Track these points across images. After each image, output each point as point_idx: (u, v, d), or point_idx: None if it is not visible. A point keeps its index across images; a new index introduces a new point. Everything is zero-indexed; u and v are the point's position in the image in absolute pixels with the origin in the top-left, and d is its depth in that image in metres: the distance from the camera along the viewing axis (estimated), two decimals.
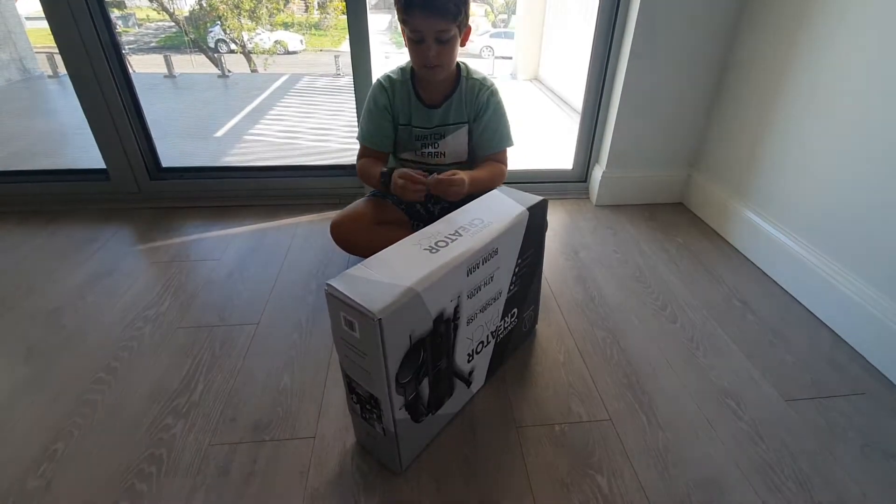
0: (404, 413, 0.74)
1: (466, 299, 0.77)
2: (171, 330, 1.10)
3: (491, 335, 0.90)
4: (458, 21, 1.02)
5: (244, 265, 1.34)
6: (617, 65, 1.56)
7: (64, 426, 0.86)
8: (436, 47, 1.02)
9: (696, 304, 1.22)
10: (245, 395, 0.93)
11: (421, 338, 0.70)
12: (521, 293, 0.95)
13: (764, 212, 1.38)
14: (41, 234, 1.49)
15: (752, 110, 1.42)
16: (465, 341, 0.82)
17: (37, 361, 1.01)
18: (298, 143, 4.15)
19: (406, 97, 1.15)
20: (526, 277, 0.94)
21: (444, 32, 1.01)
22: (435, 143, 1.19)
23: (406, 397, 0.73)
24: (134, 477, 0.78)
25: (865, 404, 0.93)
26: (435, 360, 0.76)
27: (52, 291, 1.23)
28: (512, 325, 0.97)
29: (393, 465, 0.79)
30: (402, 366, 0.69)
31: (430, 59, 1.04)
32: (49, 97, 6.12)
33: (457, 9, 1.00)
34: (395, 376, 0.68)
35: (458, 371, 0.84)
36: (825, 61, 1.17)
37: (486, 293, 0.82)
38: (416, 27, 1.01)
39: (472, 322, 0.81)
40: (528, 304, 1.01)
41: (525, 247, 0.89)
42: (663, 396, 0.94)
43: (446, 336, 0.76)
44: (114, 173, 1.62)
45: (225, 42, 10.03)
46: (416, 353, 0.71)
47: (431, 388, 0.78)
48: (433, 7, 0.98)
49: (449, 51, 1.05)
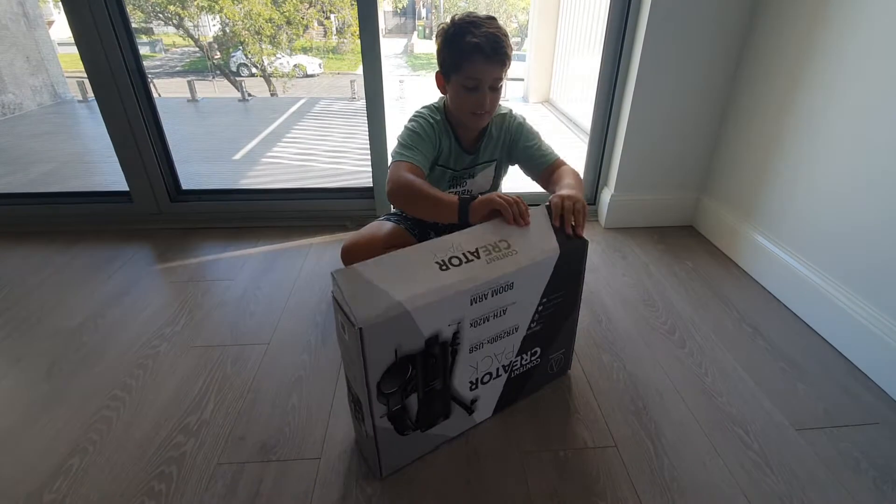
0: (387, 423, 0.74)
1: (469, 327, 0.76)
2: (186, 349, 1.13)
3: (503, 369, 0.88)
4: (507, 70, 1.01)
5: (257, 285, 1.38)
6: (625, 88, 1.58)
7: (80, 442, 0.89)
8: (489, 95, 1.00)
9: (705, 328, 1.21)
10: (254, 415, 0.95)
11: (410, 354, 0.70)
12: (547, 333, 0.91)
13: (774, 235, 1.38)
14: (66, 254, 1.55)
15: (761, 133, 1.42)
16: (468, 368, 0.81)
17: (57, 378, 1.05)
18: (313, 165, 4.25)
19: (449, 145, 1.12)
20: (554, 318, 0.90)
21: (499, 80, 0.99)
22: (464, 181, 1.19)
23: (389, 408, 0.73)
24: (144, 495, 0.79)
25: (879, 434, 0.91)
26: (428, 379, 0.76)
27: (73, 309, 1.28)
28: (533, 363, 0.93)
29: (374, 470, 0.80)
30: (385, 377, 0.69)
31: (484, 105, 1.00)
32: (78, 121, 6.38)
33: (510, 57, 0.99)
34: (377, 385, 0.69)
35: (456, 396, 0.83)
36: (833, 84, 1.18)
37: (497, 325, 0.80)
38: (475, 74, 0.97)
39: (476, 350, 0.80)
40: (557, 347, 0.96)
41: (553, 287, 0.85)
42: (670, 423, 0.94)
43: (442, 358, 0.76)
44: (136, 195, 1.69)
45: (246, 66, 10.37)
46: (403, 368, 0.71)
47: (422, 406, 0.78)
48: (497, 54, 0.95)
49: (497, 98, 1.04)
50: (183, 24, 9.71)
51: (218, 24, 10.09)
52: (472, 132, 1.13)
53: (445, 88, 1.06)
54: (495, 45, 0.95)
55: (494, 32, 0.96)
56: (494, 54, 0.96)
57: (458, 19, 0.98)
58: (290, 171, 4.05)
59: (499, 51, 0.96)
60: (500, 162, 1.19)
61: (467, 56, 0.96)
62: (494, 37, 0.95)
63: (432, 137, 1.08)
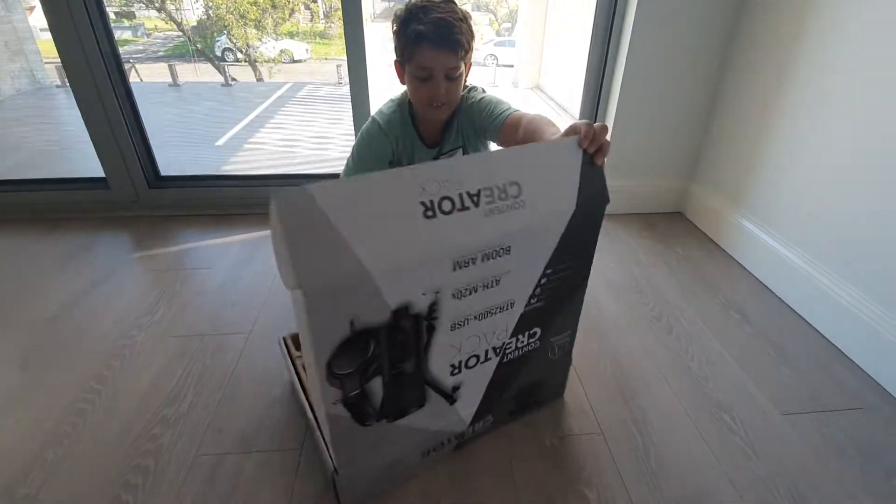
0: (342, 409, 0.63)
1: (451, 298, 0.63)
2: (164, 339, 1.10)
3: (494, 351, 0.75)
4: (466, 57, 0.94)
5: (238, 275, 1.35)
6: (613, 75, 1.56)
7: (55, 434, 0.86)
8: (445, 84, 0.93)
9: (692, 314, 1.20)
10: (234, 406, 0.92)
11: (371, 328, 0.58)
12: (549, 312, 0.78)
13: (762, 221, 1.37)
14: (42, 242, 1.50)
15: (751, 120, 1.41)
16: (448, 349, 0.69)
17: (31, 369, 1.02)
18: (298, 151, 4.17)
19: (410, 142, 1.06)
20: (558, 294, 0.76)
21: (454, 70, 0.92)
22: None
23: (345, 392, 0.62)
24: (120, 488, 0.77)
25: (865, 419, 0.91)
26: (395, 359, 0.64)
27: (49, 299, 1.23)
28: (531, 347, 0.80)
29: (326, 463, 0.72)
30: (336, 354, 0.57)
31: (439, 96, 0.94)
32: (57, 106, 6.20)
33: (467, 44, 0.92)
34: (327, 365, 0.57)
35: (432, 381, 0.71)
36: (824, 69, 1.16)
37: (487, 298, 0.67)
38: (424, 63, 0.91)
39: (459, 328, 0.67)
40: (561, 328, 0.83)
41: (561, 254, 0.70)
42: (656, 410, 0.93)
43: (414, 335, 0.64)
44: (113, 182, 1.64)
45: (231, 51, 10.14)
46: (363, 345, 0.59)
47: (388, 391, 0.66)
48: (446, 42, 0.88)
49: (457, 88, 0.97)
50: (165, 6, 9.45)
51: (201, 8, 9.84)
52: (435, 124, 1.06)
53: (404, 79, 0.98)
54: (444, 31, 0.87)
55: (444, 17, 0.87)
56: (442, 42, 0.88)
57: (411, 4, 0.91)
58: (273, 157, 3.97)
59: (448, 38, 0.88)
60: (466, 148, 1.11)
61: (414, 44, 0.89)
62: (444, 22, 0.87)
63: (383, 155, 1.04)
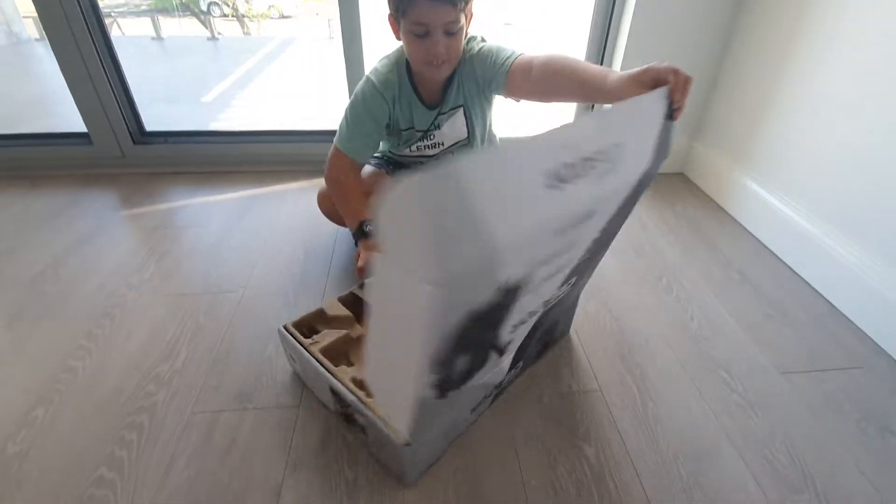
0: (432, 391, 0.56)
1: (539, 266, 0.55)
2: (155, 297, 1.07)
3: (543, 304, 0.68)
4: (466, 8, 0.87)
5: (231, 233, 1.31)
6: (619, 24, 1.48)
7: (45, 393, 0.85)
8: (444, 40, 0.87)
9: (692, 275, 1.19)
10: (229, 364, 0.91)
11: (480, 310, 0.50)
12: (590, 262, 0.73)
13: (764, 180, 1.34)
14: (24, 200, 1.45)
15: (759, 78, 1.35)
16: (519, 311, 0.62)
17: (18, 327, 0.99)
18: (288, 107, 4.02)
19: (407, 103, 1.01)
20: (600, 246, 0.71)
21: (454, 24, 0.86)
22: (431, 135, 1.08)
23: (448, 375, 0.56)
24: (115, 444, 0.76)
25: (863, 378, 0.91)
26: (483, 333, 0.57)
27: (34, 257, 1.20)
28: (563, 293, 0.74)
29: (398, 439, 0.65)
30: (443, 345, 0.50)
31: (439, 54, 0.88)
32: (37, 60, 5.93)
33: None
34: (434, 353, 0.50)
35: (497, 343, 0.66)
36: (835, 25, 1.10)
37: (559, 262, 0.60)
38: (421, 19, 0.85)
39: (533, 292, 0.60)
40: (586, 278, 0.80)
41: (620, 210, 0.64)
42: (655, 367, 0.93)
43: (507, 308, 0.56)
44: (96, 137, 1.57)
45: (217, 5, 9.67)
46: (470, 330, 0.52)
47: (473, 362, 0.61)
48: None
49: (457, 43, 0.90)
50: None
51: None
52: (435, 83, 1.00)
53: (399, 34, 0.92)
54: None
55: None
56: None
57: None
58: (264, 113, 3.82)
59: None
60: (468, 105, 1.04)
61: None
62: None
63: (380, 116, 1.00)
